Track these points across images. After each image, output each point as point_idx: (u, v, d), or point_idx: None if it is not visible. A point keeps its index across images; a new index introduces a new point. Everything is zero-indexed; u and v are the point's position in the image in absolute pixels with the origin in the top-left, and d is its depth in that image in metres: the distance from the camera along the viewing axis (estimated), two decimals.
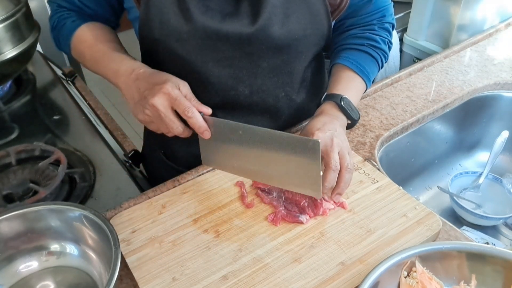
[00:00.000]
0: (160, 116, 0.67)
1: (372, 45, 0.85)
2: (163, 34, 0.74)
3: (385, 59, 0.88)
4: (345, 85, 0.82)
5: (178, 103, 0.67)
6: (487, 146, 1.09)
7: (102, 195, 0.83)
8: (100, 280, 0.64)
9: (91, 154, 0.92)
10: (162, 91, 0.66)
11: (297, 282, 0.61)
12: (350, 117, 0.79)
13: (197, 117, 0.68)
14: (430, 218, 0.69)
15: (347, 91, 0.80)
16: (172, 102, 0.67)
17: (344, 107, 0.78)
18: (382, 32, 0.87)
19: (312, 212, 0.70)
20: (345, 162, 0.68)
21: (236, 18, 0.74)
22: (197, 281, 0.62)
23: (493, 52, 1.17)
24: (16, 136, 0.99)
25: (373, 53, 0.85)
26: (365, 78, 0.84)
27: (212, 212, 0.72)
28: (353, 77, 0.83)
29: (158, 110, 0.67)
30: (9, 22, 0.99)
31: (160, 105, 0.66)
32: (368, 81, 0.85)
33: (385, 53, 0.87)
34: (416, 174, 1.07)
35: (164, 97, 0.66)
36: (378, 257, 0.64)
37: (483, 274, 0.59)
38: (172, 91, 0.67)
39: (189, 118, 0.67)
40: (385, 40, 0.87)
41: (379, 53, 0.86)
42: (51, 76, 1.22)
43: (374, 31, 0.87)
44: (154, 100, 0.66)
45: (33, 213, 0.64)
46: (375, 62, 0.86)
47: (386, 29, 0.88)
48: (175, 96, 0.67)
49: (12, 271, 0.65)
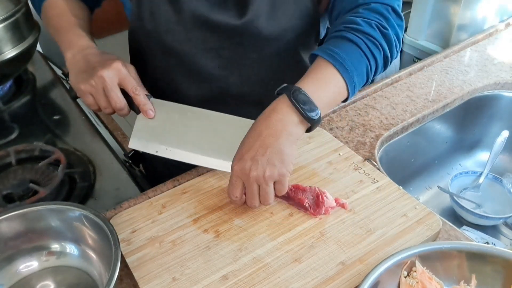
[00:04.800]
0: (106, 88, 0.70)
1: (351, 28, 0.70)
2: (154, 25, 0.76)
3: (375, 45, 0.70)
4: (311, 75, 0.68)
5: (127, 80, 0.70)
6: (487, 146, 1.09)
7: (102, 195, 0.83)
8: (100, 280, 0.64)
9: (91, 154, 0.92)
10: (113, 66, 0.69)
11: (297, 282, 0.61)
12: (305, 116, 0.64)
13: (144, 95, 0.72)
14: (430, 218, 0.69)
15: (309, 82, 0.67)
16: (121, 79, 0.70)
17: (295, 103, 0.64)
18: (367, 14, 0.72)
19: (314, 211, 0.70)
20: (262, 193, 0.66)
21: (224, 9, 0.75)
22: (197, 281, 0.62)
23: (493, 52, 1.17)
24: (16, 136, 0.99)
25: (351, 36, 0.69)
26: (339, 66, 0.67)
27: (212, 212, 0.72)
28: (324, 66, 0.68)
29: (105, 81, 0.69)
30: (9, 22, 0.99)
31: (108, 78, 0.69)
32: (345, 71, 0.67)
33: (371, 37, 0.70)
34: (416, 174, 1.07)
35: (114, 72, 0.69)
36: (378, 257, 0.64)
37: (483, 274, 0.59)
38: (122, 68, 0.70)
39: (136, 95, 0.71)
40: (371, 22, 0.70)
41: (361, 36, 0.69)
42: (51, 76, 1.22)
43: (357, 13, 0.72)
44: (104, 72, 0.69)
45: (33, 213, 0.64)
46: (353, 45, 0.69)
47: (375, 10, 0.72)
48: (124, 74, 0.70)
49: (12, 271, 0.65)
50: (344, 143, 0.84)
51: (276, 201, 0.73)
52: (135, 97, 0.71)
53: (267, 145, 0.63)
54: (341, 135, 0.89)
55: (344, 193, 0.73)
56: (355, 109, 0.96)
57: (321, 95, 0.66)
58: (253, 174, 0.63)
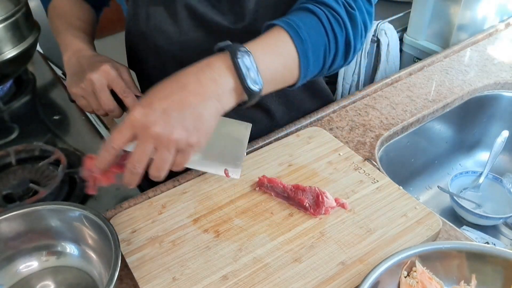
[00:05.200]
0: (95, 90, 0.70)
1: (314, 0, 0.64)
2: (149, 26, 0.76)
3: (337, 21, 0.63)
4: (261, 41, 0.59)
5: (116, 82, 0.70)
6: (487, 146, 1.09)
7: (102, 195, 0.83)
8: (100, 280, 0.64)
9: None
10: (102, 68, 0.69)
11: (297, 282, 0.61)
12: (244, 83, 0.54)
13: (133, 97, 0.71)
14: (430, 218, 0.69)
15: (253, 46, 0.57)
16: (110, 81, 0.70)
17: (238, 66, 0.54)
18: None
19: (314, 211, 0.70)
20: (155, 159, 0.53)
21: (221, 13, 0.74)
22: (197, 281, 0.62)
23: (493, 51, 1.17)
24: (16, 136, 0.99)
25: (312, 7, 0.62)
26: (292, 31, 0.59)
27: (212, 212, 0.72)
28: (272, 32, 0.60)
29: (94, 84, 0.69)
30: (9, 22, 0.99)
31: (97, 80, 0.69)
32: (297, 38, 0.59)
33: (335, 12, 0.62)
34: (416, 174, 1.07)
35: (103, 75, 0.69)
36: (378, 257, 0.64)
37: (483, 274, 0.59)
38: (111, 71, 0.69)
39: (125, 97, 0.70)
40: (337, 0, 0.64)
41: (323, 9, 0.62)
42: (51, 76, 1.22)
43: None
44: (92, 75, 0.69)
45: (33, 213, 0.64)
46: (313, 16, 0.62)
47: None
48: (113, 76, 0.69)
49: (12, 271, 0.65)
50: (344, 143, 0.84)
51: (276, 201, 0.73)
52: (124, 99, 0.70)
53: (188, 103, 0.52)
54: (341, 135, 0.89)
55: (344, 193, 0.73)
56: (355, 109, 0.96)
57: (268, 65, 0.57)
58: (155, 130, 0.51)
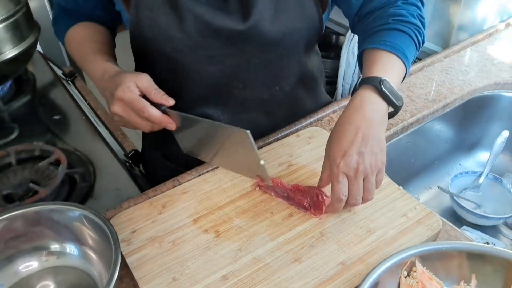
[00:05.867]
0: (124, 120, 0.70)
1: (400, 20, 0.74)
2: (154, 33, 0.75)
3: (421, 35, 0.76)
4: (381, 66, 0.69)
5: (132, 106, 0.68)
6: (487, 146, 1.09)
7: (102, 195, 0.83)
8: (100, 280, 0.64)
9: (91, 154, 0.92)
10: (116, 97, 0.68)
11: (297, 282, 0.61)
12: (393, 103, 0.67)
13: (155, 114, 0.69)
14: (430, 218, 0.69)
15: (384, 72, 0.68)
16: (128, 105, 0.68)
17: (385, 92, 0.66)
18: (407, 7, 0.76)
19: (314, 211, 0.70)
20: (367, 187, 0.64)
21: (227, 14, 0.74)
22: (197, 281, 0.62)
23: (493, 52, 1.17)
24: (16, 136, 0.99)
25: (402, 27, 0.73)
26: (402, 56, 0.71)
27: (212, 212, 0.72)
28: (388, 57, 0.71)
29: (120, 116, 0.69)
30: (9, 22, 0.99)
31: (119, 111, 0.69)
32: (406, 60, 0.72)
33: (418, 28, 0.75)
34: (416, 174, 1.07)
35: (120, 104, 0.69)
36: (378, 257, 0.64)
37: (483, 274, 0.59)
38: (124, 95, 0.68)
39: (147, 118, 0.69)
40: (413, 14, 0.75)
41: (411, 28, 0.74)
42: (51, 76, 1.22)
43: (398, 7, 0.76)
44: (113, 108, 0.69)
45: (33, 213, 0.64)
46: (408, 37, 0.73)
47: (412, 3, 0.77)
48: (128, 100, 0.68)
49: (12, 271, 0.65)
50: None
51: (276, 201, 0.73)
52: (147, 119, 0.70)
53: (368, 136, 0.64)
54: None
55: None
56: None
57: (395, 82, 0.69)
58: (361, 168, 0.62)
